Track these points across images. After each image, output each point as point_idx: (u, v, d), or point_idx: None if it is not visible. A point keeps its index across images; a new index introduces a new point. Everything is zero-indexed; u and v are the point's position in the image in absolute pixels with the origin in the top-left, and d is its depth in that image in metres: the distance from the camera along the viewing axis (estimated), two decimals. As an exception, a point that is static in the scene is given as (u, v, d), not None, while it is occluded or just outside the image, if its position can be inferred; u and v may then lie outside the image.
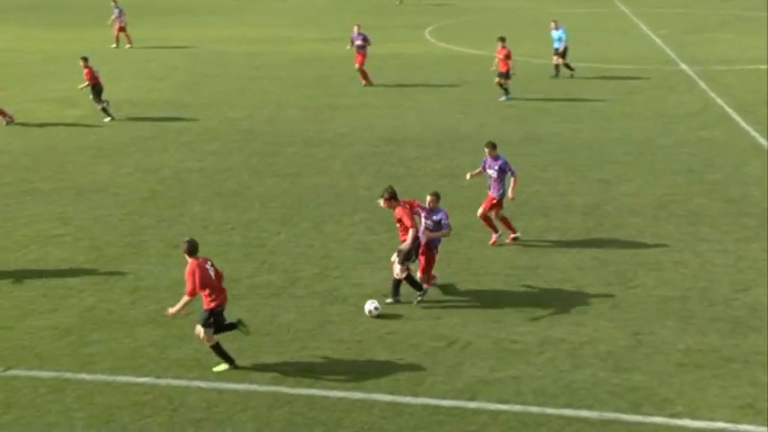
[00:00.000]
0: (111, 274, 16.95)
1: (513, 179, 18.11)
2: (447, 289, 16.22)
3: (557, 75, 34.51)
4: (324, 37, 44.52)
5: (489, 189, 18.24)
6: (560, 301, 15.71)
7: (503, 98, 30.48)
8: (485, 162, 18.34)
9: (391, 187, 15.84)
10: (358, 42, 33.36)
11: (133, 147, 25.72)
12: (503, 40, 30.47)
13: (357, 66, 33.40)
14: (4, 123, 28.19)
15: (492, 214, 18.31)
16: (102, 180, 22.74)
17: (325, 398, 12.63)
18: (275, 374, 13.25)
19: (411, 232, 15.35)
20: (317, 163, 23.94)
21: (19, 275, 16.92)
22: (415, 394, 12.72)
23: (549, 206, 20.55)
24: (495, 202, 18.15)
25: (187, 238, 13.49)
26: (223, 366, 13.50)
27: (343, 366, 13.49)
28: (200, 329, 13.32)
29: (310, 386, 12.94)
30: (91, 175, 23.22)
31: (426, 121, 28.28)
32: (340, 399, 12.62)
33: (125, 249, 18.10)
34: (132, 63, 38.69)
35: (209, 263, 13.42)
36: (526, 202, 20.45)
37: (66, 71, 36.26)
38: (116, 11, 42.67)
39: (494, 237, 18.35)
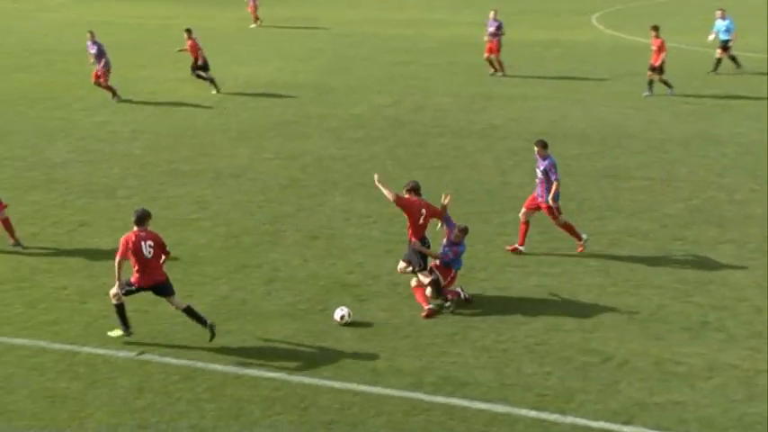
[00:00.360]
0: (247, 262, 17.41)
1: (553, 185, 17.60)
2: (602, 299, 15.93)
3: (715, 70, 33.35)
4: (480, 21, 44.25)
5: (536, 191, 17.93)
6: (733, 321, 15.15)
7: (668, 91, 29.69)
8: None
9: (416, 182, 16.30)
10: (491, 30, 33.10)
11: (274, 131, 26.33)
12: (656, 29, 29.68)
13: (486, 55, 33.08)
14: (113, 100, 29.48)
15: (553, 221, 17.92)
16: (241, 164, 23.40)
17: (465, 408, 12.61)
18: (412, 379, 13.31)
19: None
20: (466, 156, 23.93)
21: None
22: (563, 412, 12.55)
23: (725, 215, 19.88)
24: (547, 207, 17.72)
25: (139, 209, 14.65)
26: (117, 332, 14.32)
27: (486, 376, 13.43)
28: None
29: (450, 394, 12.94)
30: (230, 158, 23.92)
31: (590, 115, 27.84)
32: (481, 410, 12.58)
33: (262, 238, 18.56)
34: (277, 44, 39.58)
35: (148, 242, 14.15)
36: (699, 209, 19.93)
37: (211, 51, 37.41)
38: None
39: (579, 246, 17.87)
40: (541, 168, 17.73)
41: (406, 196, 16.09)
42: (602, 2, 50.87)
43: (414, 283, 15.73)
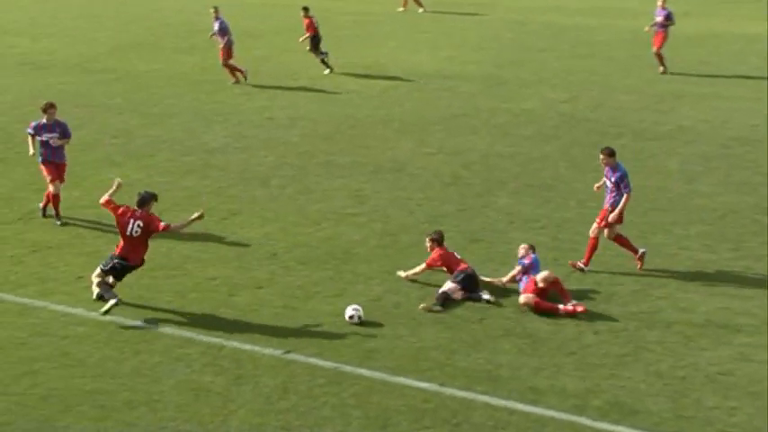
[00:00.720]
0: (403, 263, 17.45)
1: (624, 197, 17.11)
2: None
3: None
4: (676, 10, 43.20)
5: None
6: None
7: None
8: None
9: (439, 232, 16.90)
10: (659, 19, 32.15)
11: (439, 125, 26.41)
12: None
13: (655, 49, 32.05)
14: (231, 82, 30.33)
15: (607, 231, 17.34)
16: (402, 158, 23.58)
17: (633, 438, 12.46)
18: (576, 401, 13.16)
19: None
20: (648, 160, 23.43)
21: (307, 254, 17.96)
22: (748, 453, 12.21)
23: None
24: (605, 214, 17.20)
25: (145, 192, 15.85)
26: (108, 305, 15.21)
27: (659, 405, 13.13)
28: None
29: (616, 422, 12.73)
30: (391, 151, 24.14)
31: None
32: (651, 441, 12.39)
33: (420, 237, 18.57)
34: (447, 31, 39.58)
35: (138, 222, 15.37)
36: None
37: (376, 36, 37.91)
38: None
39: (638, 262, 17.32)
40: (612, 180, 17.27)
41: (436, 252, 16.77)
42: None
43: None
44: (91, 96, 27.45)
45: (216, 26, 31.13)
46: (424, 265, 16.67)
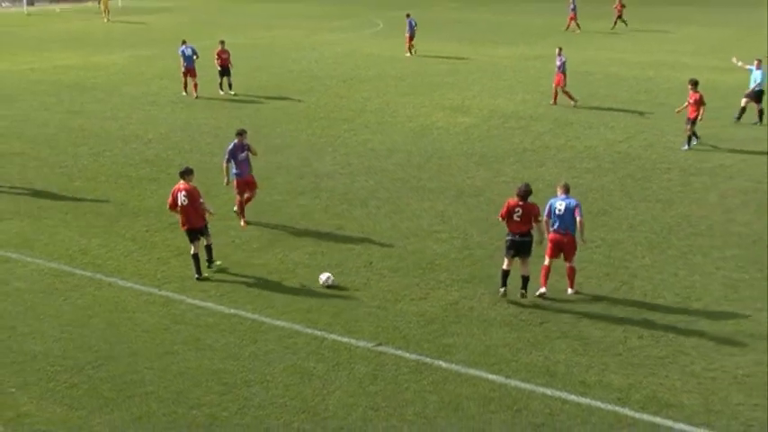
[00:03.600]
0: (478, 273, 17.56)
1: (578, 222, 16.29)
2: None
3: (738, 119, 30.36)
4: (724, 66, 42.41)
5: None
6: None
7: (685, 147, 27.32)
8: None
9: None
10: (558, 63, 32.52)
11: (513, 158, 26.37)
12: (694, 83, 27.16)
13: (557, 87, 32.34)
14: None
15: None
16: (480, 185, 23.61)
17: (668, 428, 12.23)
18: (620, 395, 13.03)
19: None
20: (691, 192, 23.04)
21: (398, 263, 18.10)
22: (767, 445, 11.96)
23: None
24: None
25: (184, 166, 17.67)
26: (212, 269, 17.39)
27: (692, 400, 12.92)
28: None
29: (654, 413, 12.56)
30: (471, 179, 24.17)
31: (821, 161, 26.07)
32: (683, 431, 12.17)
33: (494, 252, 18.62)
34: (524, 79, 39.46)
35: (183, 192, 16.98)
36: None
37: (464, 82, 37.97)
38: None
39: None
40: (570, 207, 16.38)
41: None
42: None
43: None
44: (226, 128, 28.02)
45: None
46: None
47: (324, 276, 16.88)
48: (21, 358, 14.14)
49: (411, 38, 46.44)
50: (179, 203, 17.16)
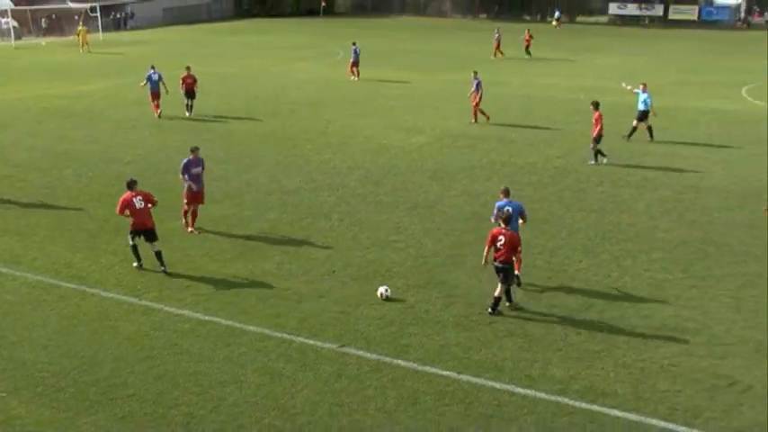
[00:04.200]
0: (432, 279, 17.57)
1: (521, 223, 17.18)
2: (732, 332, 15.16)
3: (628, 138, 30.81)
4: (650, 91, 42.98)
5: None
6: None
7: (591, 162, 27.61)
8: None
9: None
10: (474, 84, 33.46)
11: (463, 173, 26.45)
12: (596, 104, 27.56)
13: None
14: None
15: None
16: (433, 198, 23.64)
17: (604, 414, 12.34)
18: (561, 386, 13.13)
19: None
20: (621, 203, 23.30)
21: (358, 271, 18.05)
22: (690, 426, 12.06)
23: None
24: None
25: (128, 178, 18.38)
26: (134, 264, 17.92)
27: (624, 389, 13.08)
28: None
29: (592, 402, 12.68)
30: (425, 193, 24.20)
31: (733, 173, 26.50)
32: (617, 417, 12.27)
33: (446, 260, 18.69)
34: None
35: (138, 197, 17.87)
36: (825, 260, 18.73)
37: (416, 105, 38.08)
38: None
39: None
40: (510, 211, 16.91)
41: None
42: (754, 77, 48.36)
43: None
44: (201, 150, 27.80)
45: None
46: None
47: (382, 289, 16.58)
48: (11, 365, 13.88)
49: (355, 64, 46.79)
50: (136, 207, 17.80)
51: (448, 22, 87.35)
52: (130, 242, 18.14)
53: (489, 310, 15.81)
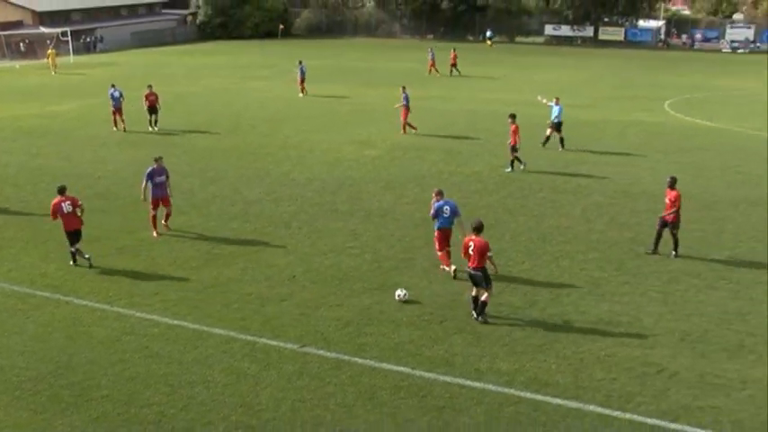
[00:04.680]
0: (386, 282, 17.57)
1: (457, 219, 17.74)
2: (660, 324, 15.44)
3: (544, 145, 31.48)
4: (576, 104, 43.63)
5: None
6: (765, 345, 14.47)
7: (508, 169, 28.07)
8: None
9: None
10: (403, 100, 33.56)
11: (413, 183, 26.52)
12: (513, 117, 28.02)
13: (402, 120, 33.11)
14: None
15: None
16: (386, 207, 23.66)
17: (547, 403, 12.47)
18: (507, 378, 13.23)
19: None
20: (559, 207, 23.58)
21: (317, 276, 17.99)
22: (624, 410, 12.25)
23: (762, 261, 18.94)
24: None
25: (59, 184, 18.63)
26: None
27: (565, 379, 13.24)
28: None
29: (536, 391, 12.81)
30: (378, 202, 24.21)
31: (659, 179, 26.81)
32: (559, 405, 12.40)
33: (399, 264, 18.72)
34: (420, 117, 39.71)
35: (67, 202, 18.15)
36: (741, 256, 19.14)
37: (368, 120, 38.08)
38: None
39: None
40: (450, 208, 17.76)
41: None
42: (674, 92, 49.34)
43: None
44: (167, 165, 27.50)
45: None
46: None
47: (399, 292, 16.51)
48: (-12, 372, 13.58)
49: (302, 81, 46.84)
50: (64, 211, 18.18)
51: (398, 42, 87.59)
52: (70, 248, 18.51)
53: (477, 317, 15.41)
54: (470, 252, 15.38)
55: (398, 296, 16.45)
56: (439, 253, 17.98)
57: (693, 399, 12.60)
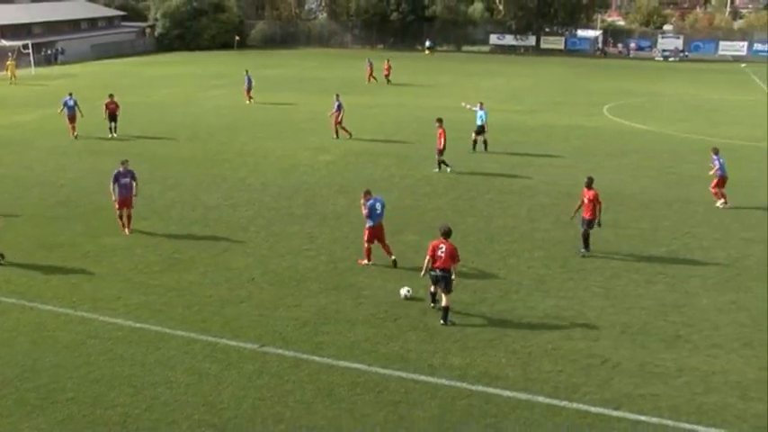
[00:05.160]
0: (341, 283, 17.56)
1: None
2: (603, 317, 15.71)
3: (473, 150, 32.11)
4: (521, 109, 44.24)
5: None
6: (699, 335, 14.87)
7: (435, 169, 28.53)
8: None
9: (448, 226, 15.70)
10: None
11: (366, 187, 26.20)
12: (440, 121, 28.43)
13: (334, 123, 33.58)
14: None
15: None
16: (340, 210, 23.62)
17: (498, 395, 12.58)
18: (460, 372, 13.31)
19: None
20: (506, 208, 23.82)
21: (275, 278, 17.90)
22: (570, 400, 12.43)
23: (695, 258, 19.44)
24: None
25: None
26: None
27: (514, 372, 13.37)
28: None
29: (487, 385, 12.91)
30: (333, 206, 24.16)
31: (600, 180, 26.99)
32: (509, 397, 12.52)
33: (354, 264, 18.70)
34: (370, 124, 39.80)
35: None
36: (676, 252, 19.58)
37: (321, 127, 37.98)
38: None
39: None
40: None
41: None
42: (612, 98, 50.24)
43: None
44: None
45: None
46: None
47: (404, 290, 16.50)
48: (-49, 378, 13.21)
49: (249, 90, 46.68)
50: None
51: (349, 51, 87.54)
52: None
53: (441, 321, 15.19)
54: (440, 254, 15.15)
55: (404, 294, 16.42)
56: (366, 245, 18.33)
57: (635, 387, 12.84)
